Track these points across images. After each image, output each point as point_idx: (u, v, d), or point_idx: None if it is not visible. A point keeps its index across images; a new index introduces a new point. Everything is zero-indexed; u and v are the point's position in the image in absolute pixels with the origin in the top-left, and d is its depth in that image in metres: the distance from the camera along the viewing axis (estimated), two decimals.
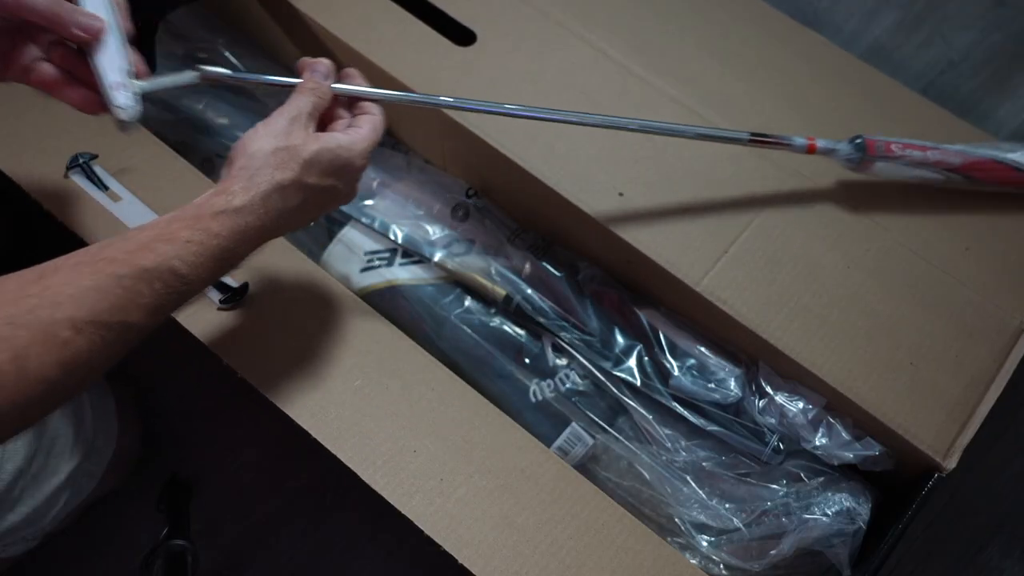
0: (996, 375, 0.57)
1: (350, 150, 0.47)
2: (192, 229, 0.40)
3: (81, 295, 0.35)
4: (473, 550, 0.50)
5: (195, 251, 0.39)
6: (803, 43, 0.75)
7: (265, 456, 0.90)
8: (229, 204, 0.41)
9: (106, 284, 0.36)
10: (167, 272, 0.38)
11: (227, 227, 0.41)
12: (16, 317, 0.33)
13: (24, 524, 0.64)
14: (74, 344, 0.35)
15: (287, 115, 0.47)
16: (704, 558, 0.58)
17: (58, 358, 0.34)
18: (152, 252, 0.38)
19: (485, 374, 0.64)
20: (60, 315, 0.34)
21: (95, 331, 0.35)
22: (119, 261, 0.37)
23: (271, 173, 0.43)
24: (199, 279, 0.40)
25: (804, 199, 0.64)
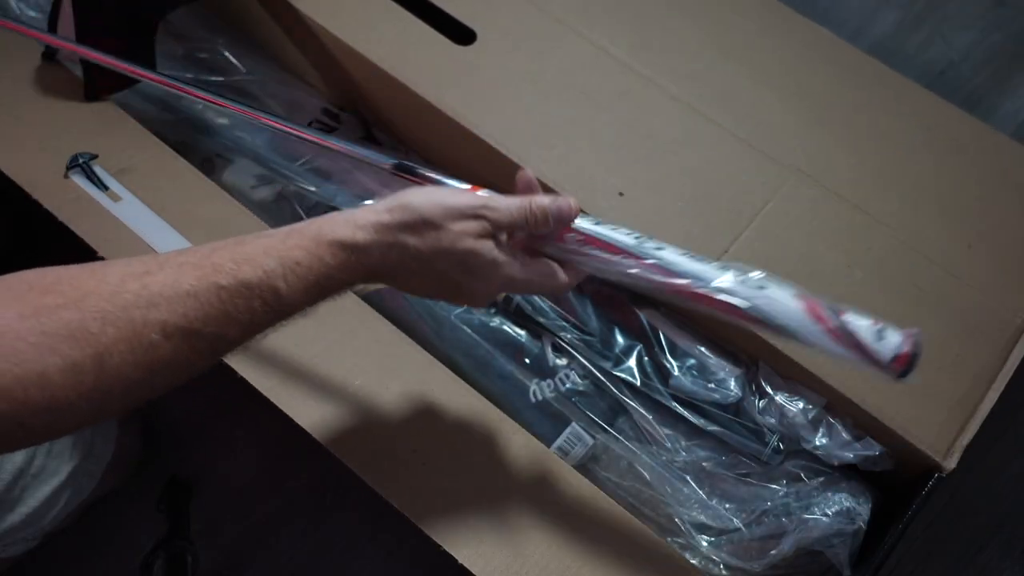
0: (997, 374, 0.57)
1: (499, 270, 0.43)
2: (305, 252, 0.38)
3: (178, 299, 0.34)
4: (473, 550, 0.50)
5: (301, 274, 0.38)
6: (808, 37, 0.74)
7: (265, 456, 0.90)
8: (351, 238, 0.39)
9: (205, 293, 0.35)
10: (269, 291, 0.37)
11: (339, 259, 0.39)
12: (108, 313, 0.33)
13: (24, 524, 0.64)
14: (161, 348, 0.34)
15: (476, 204, 0.42)
16: (704, 558, 0.58)
17: (142, 360, 0.33)
18: (259, 268, 0.37)
19: (485, 374, 0.64)
20: (153, 317, 0.34)
21: (184, 339, 0.34)
22: (225, 271, 0.36)
23: (406, 235, 0.41)
24: (297, 303, 0.38)
25: (804, 197, 0.64)
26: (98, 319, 0.33)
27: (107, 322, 0.33)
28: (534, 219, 0.44)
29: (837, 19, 1.08)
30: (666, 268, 0.44)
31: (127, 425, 0.81)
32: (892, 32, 1.06)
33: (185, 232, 0.61)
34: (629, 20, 0.72)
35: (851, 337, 0.41)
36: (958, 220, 0.64)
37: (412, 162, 0.49)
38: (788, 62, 0.72)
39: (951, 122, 0.70)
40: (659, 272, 0.44)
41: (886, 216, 0.64)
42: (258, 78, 0.78)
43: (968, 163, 0.68)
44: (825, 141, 0.67)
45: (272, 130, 0.52)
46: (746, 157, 0.65)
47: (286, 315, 0.39)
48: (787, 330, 0.43)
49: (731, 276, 0.44)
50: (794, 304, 0.43)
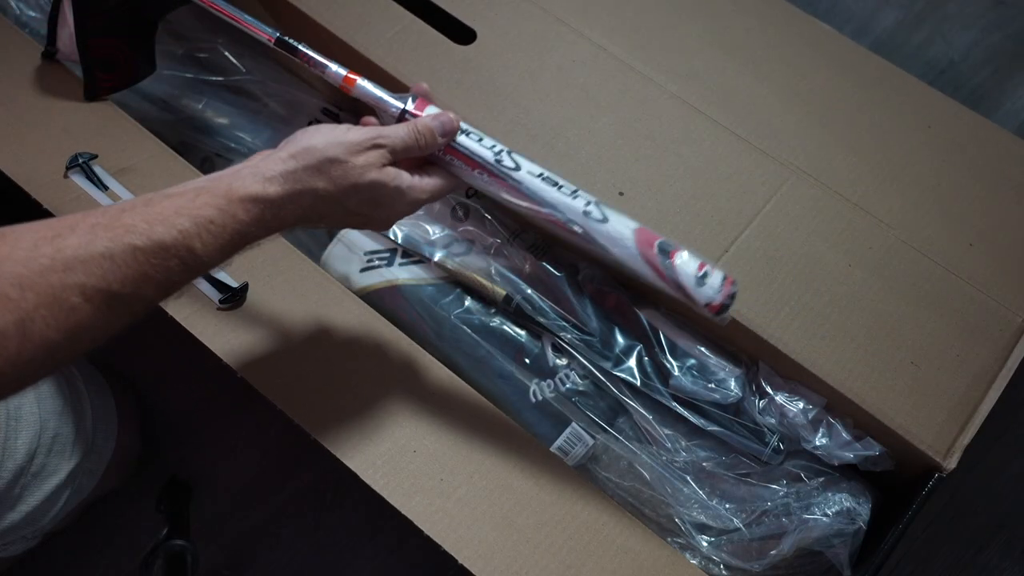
0: (998, 374, 0.57)
1: (405, 193, 0.45)
2: (217, 210, 0.39)
3: (94, 262, 0.34)
4: (473, 550, 0.50)
5: (215, 232, 0.38)
6: (809, 35, 0.74)
7: (265, 456, 0.90)
8: (263, 191, 0.40)
9: (121, 254, 0.35)
10: (184, 250, 0.37)
11: (252, 214, 0.40)
12: (25, 278, 0.33)
13: (24, 523, 0.64)
14: (81, 311, 0.34)
15: (372, 135, 0.44)
16: (704, 558, 0.58)
17: (64, 324, 0.33)
18: (173, 228, 0.37)
19: (485, 374, 0.64)
20: (71, 280, 0.34)
21: (104, 301, 0.35)
22: (138, 231, 0.36)
23: (314, 178, 0.42)
24: (212, 260, 0.39)
25: (805, 196, 0.64)
26: (16, 285, 0.32)
27: (25, 287, 0.33)
28: (423, 139, 0.46)
29: (836, 20, 1.08)
30: (518, 189, 0.48)
31: (127, 424, 0.81)
32: (892, 31, 1.06)
33: None
34: (629, 19, 0.72)
35: (675, 280, 0.46)
36: (959, 219, 0.64)
37: (293, 40, 0.50)
38: (789, 60, 0.72)
39: (953, 119, 0.70)
40: (512, 192, 0.48)
41: (887, 215, 0.64)
42: (258, 78, 0.78)
43: (969, 161, 0.68)
44: (826, 140, 0.67)
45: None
46: (746, 156, 0.65)
47: (202, 272, 0.39)
48: (618, 262, 0.47)
49: (579, 204, 0.47)
50: (629, 237, 0.47)
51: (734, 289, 0.46)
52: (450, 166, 0.49)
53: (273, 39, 0.49)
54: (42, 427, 0.64)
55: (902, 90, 0.71)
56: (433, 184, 0.48)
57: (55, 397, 0.65)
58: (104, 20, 0.64)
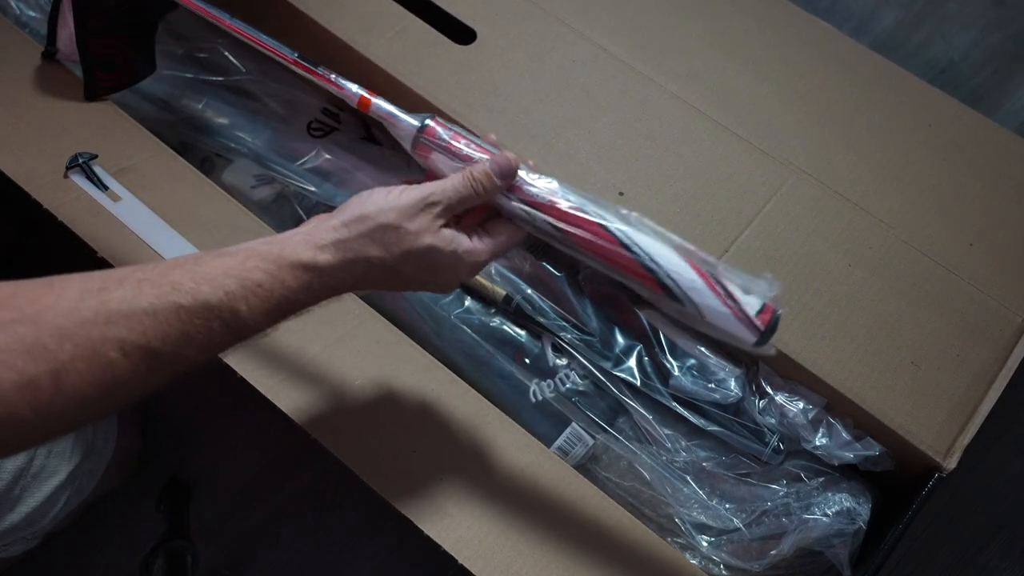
0: (998, 374, 0.57)
1: (464, 259, 0.43)
2: (266, 274, 0.38)
3: (136, 317, 0.34)
4: (473, 550, 0.50)
5: (263, 296, 0.37)
6: (809, 34, 0.74)
7: (265, 456, 0.90)
8: (314, 260, 0.39)
9: (164, 311, 0.34)
10: (228, 312, 0.36)
11: (301, 281, 0.39)
12: (66, 330, 0.32)
13: (24, 524, 0.64)
14: (119, 366, 0.33)
15: (424, 193, 0.42)
16: (704, 558, 0.58)
17: (99, 378, 0.33)
18: (220, 289, 0.36)
19: (485, 374, 0.64)
20: (111, 334, 0.33)
21: (143, 357, 0.34)
22: (184, 290, 0.35)
23: (367, 246, 0.40)
24: (257, 324, 0.38)
25: (805, 196, 0.64)
26: (55, 335, 0.32)
27: (65, 338, 0.32)
28: (480, 185, 0.43)
29: (836, 19, 1.08)
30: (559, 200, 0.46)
31: (128, 425, 0.81)
32: (892, 31, 1.06)
33: (185, 232, 0.61)
34: (629, 19, 0.72)
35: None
36: (959, 218, 0.64)
37: (312, 60, 0.49)
38: (789, 59, 0.72)
39: (953, 118, 0.70)
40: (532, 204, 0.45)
41: (887, 215, 0.64)
42: (258, 78, 0.78)
43: (970, 160, 0.68)
44: (826, 139, 0.67)
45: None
46: (746, 156, 0.65)
47: (245, 336, 0.38)
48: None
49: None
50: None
51: (775, 315, 0.43)
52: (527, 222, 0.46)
53: (293, 59, 0.49)
54: None
55: (902, 89, 0.71)
56: (495, 244, 0.45)
57: None
58: (104, 20, 0.64)
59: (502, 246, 0.45)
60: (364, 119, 0.79)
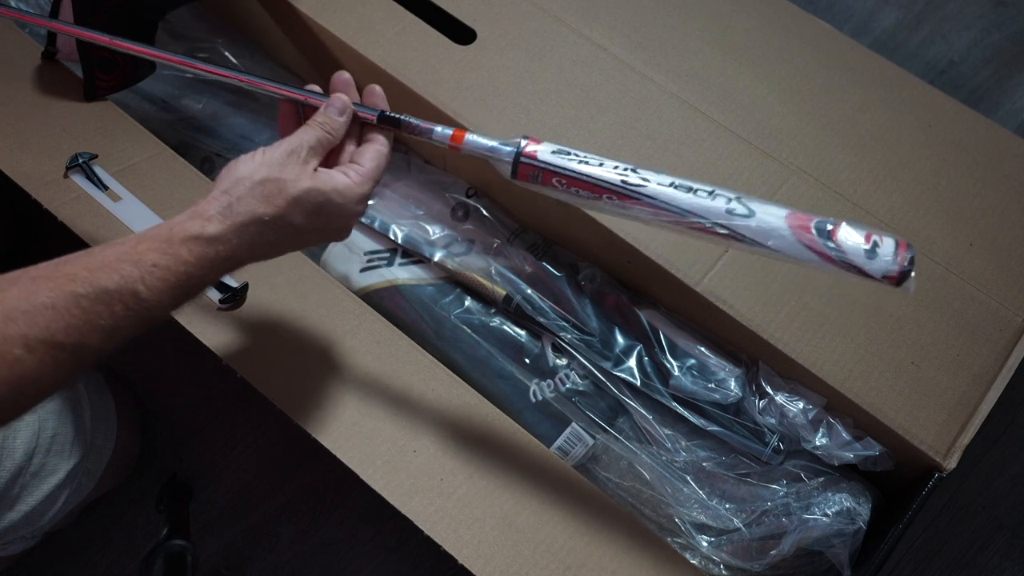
0: (998, 374, 0.57)
1: (345, 194, 0.44)
2: (160, 253, 0.38)
3: (36, 312, 0.34)
4: (473, 550, 0.50)
5: (160, 276, 0.38)
6: (809, 33, 0.74)
7: (265, 456, 0.90)
8: (203, 231, 0.39)
9: (63, 303, 0.34)
10: (129, 295, 0.36)
11: (196, 254, 0.39)
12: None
13: (23, 523, 0.64)
14: (24, 363, 0.33)
15: (286, 146, 0.44)
16: (704, 558, 0.58)
17: (6, 376, 0.33)
18: (116, 273, 0.36)
19: (485, 374, 0.64)
20: (12, 331, 0.33)
21: (47, 351, 0.34)
22: (80, 279, 0.35)
23: (252, 204, 0.41)
24: (160, 304, 0.38)
25: (805, 196, 0.64)
26: None
27: None
28: (327, 125, 0.46)
29: (836, 20, 1.08)
30: (654, 204, 0.45)
31: (127, 424, 0.81)
32: (892, 31, 1.06)
33: None
34: (629, 19, 0.72)
35: (844, 260, 0.42)
36: (960, 218, 0.64)
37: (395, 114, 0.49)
38: (789, 59, 0.72)
39: (953, 118, 0.70)
40: (648, 208, 0.45)
41: (887, 215, 0.64)
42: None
43: (970, 160, 0.68)
44: (826, 139, 0.67)
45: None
46: (746, 156, 0.65)
47: (151, 319, 0.38)
48: (777, 254, 0.43)
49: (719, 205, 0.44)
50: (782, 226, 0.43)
51: (911, 253, 0.41)
52: (575, 196, 0.46)
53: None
54: (40, 427, 0.64)
55: (902, 89, 0.71)
56: (367, 171, 0.46)
57: (54, 397, 0.65)
58: (104, 20, 0.64)
59: (375, 170, 0.47)
60: None
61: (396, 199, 0.72)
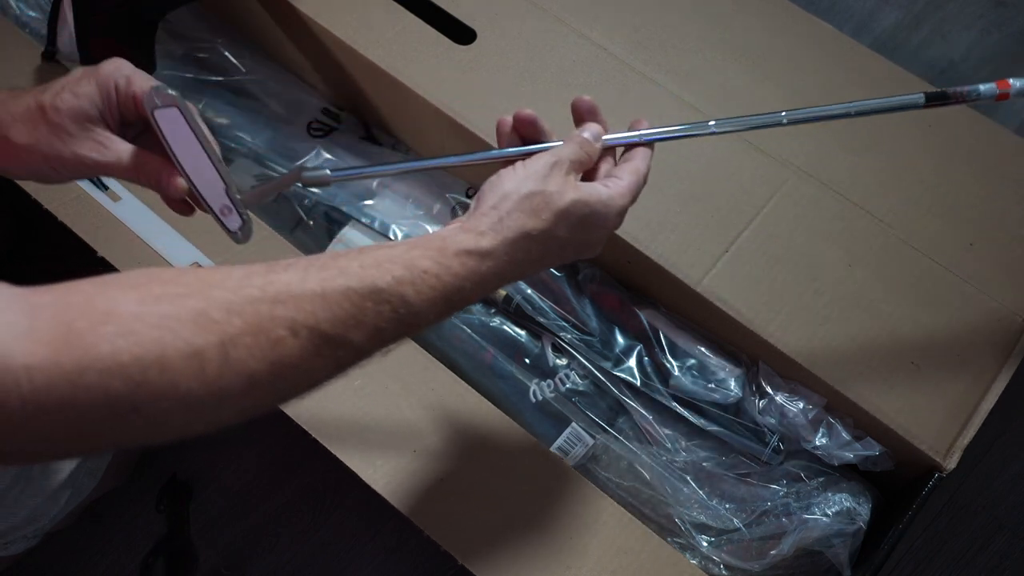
0: (998, 374, 0.57)
1: (607, 205, 0.43)
2: (433, 261, 0.37)
3: (306, 298, 0.33)
4: (473, 550, 0.50)
5: (431, 284, 0.37)
6: (810, 32, 0.74)
7: (265, 456, 0.90)
8: (476, 245, 0.39)
9: (333, 293, 0.34)
10: (397, 298, 0.36)
11: (468, 268, 0.39)
12: (234, 304, 0.32)
13: (25, 523, 0.65)
14: (287, 345, 0.33)
15: (548, 159, 0.43)
16: (704, 558, 0.58)
17: (268, 355, 0.32)
18: (388, 274, 0.36)
19: (485, 374, 0.64)
20: (280, 313, 0.33)
21: (311, 338, 0.33)
22: (351, 273, 0.35)
23: (521, 219, 0.40)
24: (424, 313, 0.37)
25: (805, 196, 0.64)
26: (223, 308, 0.32)
27: (232, 312, 0.32)
28: (588, 146, 0.46)
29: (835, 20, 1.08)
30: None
31: None
32: (892, 31, 1.06)
33: (185, 232, 0.61)
34: (629, 18, 0.72)
35: None
36: (960, 218, 0.64)
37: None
38: (789, 59, 0.72)
39: (953, 118, 0.70)
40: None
41: (887, 214, 0.64)
42: (258, 78, 0.78)
43: (970, 160, 0.68)
44: (826, 139, 0.67)
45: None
46: (746, 156, 0.65)
47: (412, 327, 0.37)
48: None
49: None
50: None
51: None
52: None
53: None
54: None
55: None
56: (629, 182, 0.46)
57: None
58: (104, 20, 0.64)
59: (634, 184, 0.46)
60: (364, 119, 0.79)
61: (396, 199, 0.72)
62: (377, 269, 0.36)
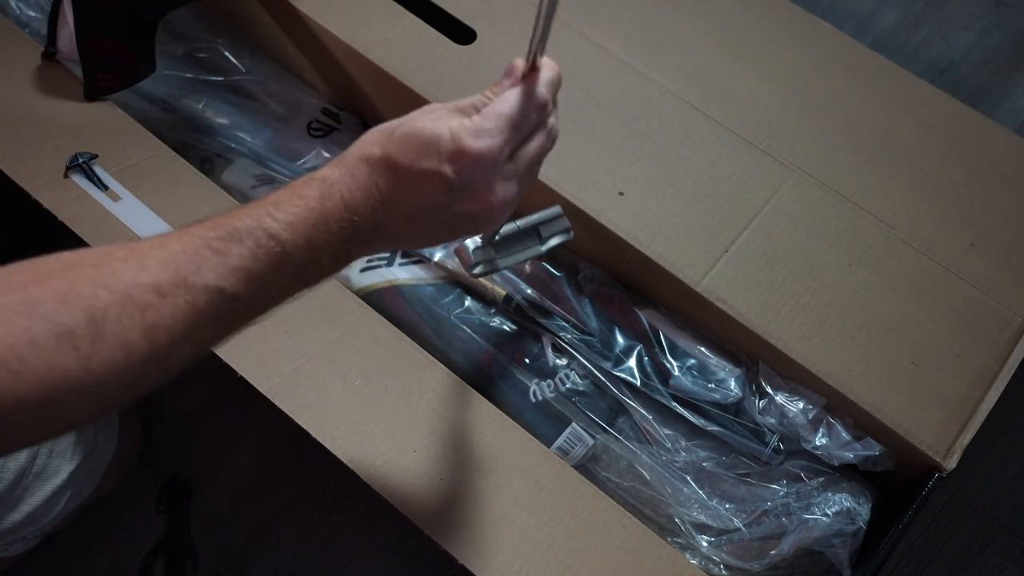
0: (998, 374, 0.57)
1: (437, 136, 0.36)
2: (283, 191, 0.37)
3: (168, 258, 0.33)
4: (473, 550, 0.50)
5: (287, 209, 0.35)
6: (810, 32, 0.74)
7: (265, 456, 0.90)
8: (316, 173, 0.38)
9: (194, 246, 0.34)
10: (260, 232, 0.35)
11: (316, 191, 0.36)
12: (98, 278, 0.32)
13: (25, 523, 0.64)
14: (157, 307, 0.32)
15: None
16: (704, 558, 0.58)
17: (139, 322, 0.32)
18: (246, 215, 0.35)
19: (485, 374, 0.64)
20: (144, 278, 0.32)
21: (181, 295, 0.33)
22: (209, 224, 0.35)
23: (364, 146, 0.38)
24: (294, 244, 0.35)
25: (805, 196, 0.64)
26: (88, 284, 0.31)
27: (98, 285, 0.31)
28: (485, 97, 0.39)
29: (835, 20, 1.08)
30: None
31: (128, 425, 0.81)
32: (892, 31, 1.06)
33: None
34: (628, 18, 0.72)
35: None
36: (960, 218, 0.64)
37: None
38: (789, 58, 0.72)
39: (953, 118, 0.70)
40: None
41: (887, 215, 0.64)
42: (258, 78, 0.78)
43: (970, 160, 0.68)
44: (826, 139, 0.67)
45: None
46: (746, 156, 0.65)
47: (289, 265, 0.36)
48: None
49: None
50: None
51: None
52: None
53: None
54: None
55: (903, 89, 0.71)
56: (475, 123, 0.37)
57: None
58: (104, 20, 0.64)
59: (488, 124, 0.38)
60: (364, 119, 0.79)
61: None
62: (235, 214, 0.35)
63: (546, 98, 0.40)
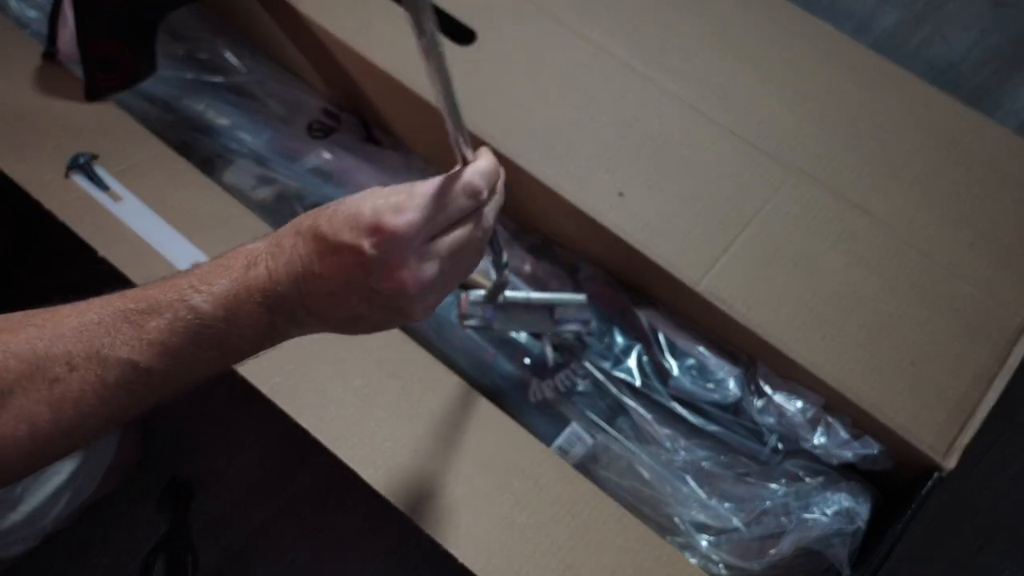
0: (998, 374, 0.57)
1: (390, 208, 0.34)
2: (211, 264, 0.35)
3: (84, 328, 0.32)
4: (473, 550, 0.50)
5: (213, 282, 0.34)
6: (810, 32, 0.74)
7: (265, 456, 0.90)
8: (246, 244, 0.36)
9: (111, 318, 0.33)
10: (180, 304, 0.33)
11: (242, 262, 0.35)
12: (11, 345, 0.31)
13: (25, 524, 0.65)
14: (66, 381, 0.31)
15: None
16: (704, 558, 0.58)
17: (46, 396, 0.31)
18: (169, 287, 0.34)
19: (485, 374, 0.64)
20: (57, 349, 0.31)
21: (92, 368, 0.32)
22: (131, 295, 0.34)
23: (296, 220, 0.36)
24: (217, 318, 0.34)
25: (805, 196, 0.64)
26: (2, 351, 0.31)
27: (8, 355, 0.31)
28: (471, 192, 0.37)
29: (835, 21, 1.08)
30: None
31: (128, 426, 0.81)
32: (892, 32, 1.06)
33: (185, 232, 0.61)
34: (628, 18, 0.72)
35: None
36: (960, 218, 0.64)
37: None
38: (789, 59, 0.72)
39: (953, 118, 0.70)
40: None
41: (887, 215, 0.64)
42: (258, 78, 0.78)
43: (970, 160, 0.68)
44: (826, 139, 0.67)
45: None
46: (746, 156, 0.65)
47: (208, 337, 0.34)
48: None
49: None
50: None
51: None
52: None
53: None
54: None
55: (903, 89, 0.71)
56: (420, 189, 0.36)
57: None
58: (104, 20, 0.64)
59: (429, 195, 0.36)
60: (364, 119, 0.79)
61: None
62: (158, 286, 0.34)
63: (479, 186, 0.38)
